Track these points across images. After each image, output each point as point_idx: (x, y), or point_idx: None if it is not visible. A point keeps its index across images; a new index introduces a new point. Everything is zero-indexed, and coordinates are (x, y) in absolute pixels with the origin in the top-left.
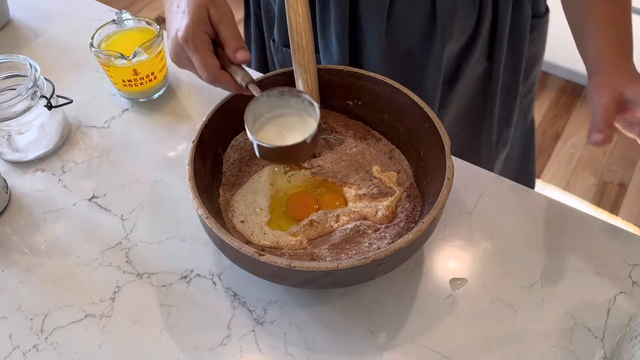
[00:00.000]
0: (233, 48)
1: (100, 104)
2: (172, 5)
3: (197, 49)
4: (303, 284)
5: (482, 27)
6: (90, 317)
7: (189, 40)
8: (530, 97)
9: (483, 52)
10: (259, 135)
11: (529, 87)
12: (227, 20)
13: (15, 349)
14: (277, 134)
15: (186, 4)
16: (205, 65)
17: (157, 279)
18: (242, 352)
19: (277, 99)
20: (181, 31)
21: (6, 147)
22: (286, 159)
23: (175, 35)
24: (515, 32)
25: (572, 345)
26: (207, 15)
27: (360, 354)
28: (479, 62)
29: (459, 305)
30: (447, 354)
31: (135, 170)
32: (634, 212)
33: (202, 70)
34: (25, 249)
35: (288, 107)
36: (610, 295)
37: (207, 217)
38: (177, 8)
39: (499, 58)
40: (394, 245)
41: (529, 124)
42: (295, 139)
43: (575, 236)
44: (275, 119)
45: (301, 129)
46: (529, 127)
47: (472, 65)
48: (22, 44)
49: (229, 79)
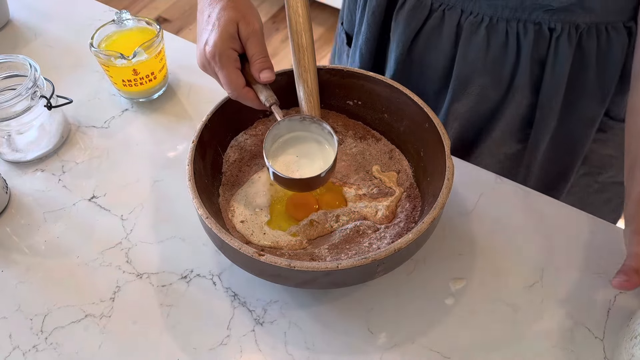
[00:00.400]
0: (258, 68)
1: (100, 104)
2: (203, 13)
3: (223, 66)
4: (303, 284)
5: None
6: (90, 317)
7: (216, 56)
8: (602, 199)
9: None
10: (277, 159)
11: (599, 187)
12: (256, 37)
13: (15, 349)
14: (294, 160)
15: (217, 16)
16: (230, 83)
17: (157, 279)
18: (242, 352)
19: (298, 123)
20: (209, 46)
21: (6, 147)
22: (299, 188)
23: (204, 49)
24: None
25: (572, 345)
26: (237, 31)
27: (360, 354)
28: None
29: (459, 305)
30: (447, 354)
31: (135, 170)
32: None
33: (226, 87)
34: (25, 249)
35: (309, 132)
36: (611, 295)
37: (207, 217)
38: (208, 18)
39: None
40: (394, 245)
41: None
42: (311, 171)
43: (575, 236)
44: (294, 141)
45: (318, 158)
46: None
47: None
48: (22, 43)
49: (252, 97)
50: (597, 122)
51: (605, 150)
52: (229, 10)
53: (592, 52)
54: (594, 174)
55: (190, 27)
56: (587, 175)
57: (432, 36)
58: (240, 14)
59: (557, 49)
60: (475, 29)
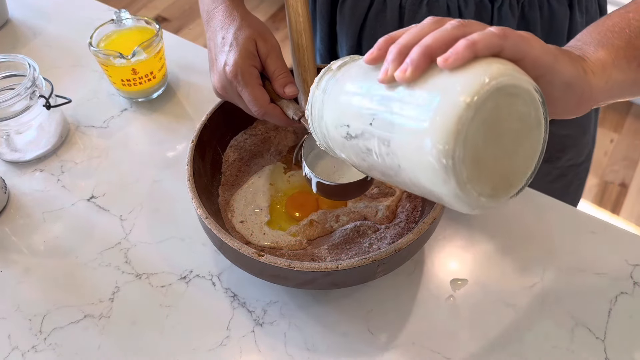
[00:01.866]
0: (282, 83)
1: (99, 103)
2: (216, 37)
3: (247, 84)
4: (303, 284)
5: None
6: (89, 317)
7: (238, 75)
8: (562, 184)
9: None
10: (315, 169)
11: (559, 172)
12: (275, 54)
13: (14, 350)
14: (331, 169)
15: (233, 36)
16: (255, 100)
17: (156, 279)
18: (242, 352)
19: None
20: (229, 66)
21: (5, 147)
22: (344, 195)
23: (223, 69)
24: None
25: (572, 346)
26: (255, 49)
27: (361, 355)
28: None
29: (460, 305)
30: (448, 354)
31: (134, 170)
32: (635, 212)
33: (252, 105)
34: (24, 249)
35: None
36: (612, 295)
37: (207, 217)
38: (223, 40)
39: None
40: (395, 246)
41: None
42: (355, 176)
43: (576, 236)
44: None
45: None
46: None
47: None
48: (21, 43)
49: (279, 112)
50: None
51: (563, 129)
52: (245, 29)
53: (537, 22)
54: (553, 160)
55: (190, 27)
56: (546, 162)
57: (377, 22)
58: (257, 32)
59: (501, 20)
60: (417, 7)
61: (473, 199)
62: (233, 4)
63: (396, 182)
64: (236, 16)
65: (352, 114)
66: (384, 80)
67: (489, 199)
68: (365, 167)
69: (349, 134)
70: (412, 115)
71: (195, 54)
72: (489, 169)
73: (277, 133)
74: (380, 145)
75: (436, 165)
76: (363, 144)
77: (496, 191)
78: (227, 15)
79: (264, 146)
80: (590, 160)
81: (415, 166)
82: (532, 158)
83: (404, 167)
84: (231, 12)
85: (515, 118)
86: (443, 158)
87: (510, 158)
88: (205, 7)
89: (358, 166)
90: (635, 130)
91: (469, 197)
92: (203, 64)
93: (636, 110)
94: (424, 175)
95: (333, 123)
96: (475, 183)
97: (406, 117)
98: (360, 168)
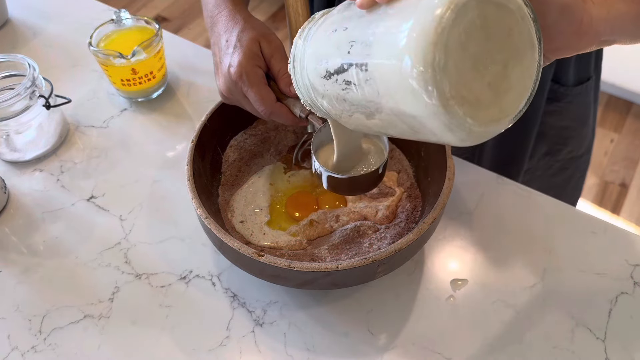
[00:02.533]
0: (287, 82)
1: (98, 103)
2: (219, 40)
3: (253, 84)
4: (303, 284)
5: None
6: (89, 317)
7: (243, 75)
8: (563, 177)
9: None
10: (326, 165)
11: (560, 165)
12: (279, 54)
13: (14, 350)
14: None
15: (237, 38)
16: (261, 99)
17: (156, 279)
18: (242, 353)
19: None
20: (234, 67)
21: (4, 147)
22: (355, 189)
23: (228, 71)
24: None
25: (573, 346)
26: (259, 50)
27: (361, 355)
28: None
29: (460, 306)
30: (448, 354)
31: (134, 170)
32: (635, 212)
33: (259, 104)
34: (23, 249)
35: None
36: (612, 295)
37: (206, 217)
38: (227, 43)
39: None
40: (395, 246)
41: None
42: (366, 169)
43: (576, 236)
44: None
45: (365, 159)
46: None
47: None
48: (21, 43)
49: (286, 111)
50: (546, 89)
51: (562, 121)
52: (248, 31)
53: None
54: (554, 153)
55: (190, 27)
56: (547, 155)
57: None
58: (260, 33)
59: None
60: None
61: (459, 119)
62: (236, 8)
63: (379, 122)
64: (239, 19)
65: (331, 46)
66: (362, 3)
67: (476, 123)
68: (347, 113)
69: (327, 70)
70: (389, 28)
71: (195, 54)
72: (475, 89)
73: (277, 133)
74: (359, 72)
75: (415, 79)
76: (342, 78)
77: (485, 116)
78: (230, 19)
79: (264, 146)
80: (590, 152)
81: (395, 88)
82: (527, 84)
83: (383, 93)
84: (234, 15)
85: (504, 33)
86: (422, 66)
87: (501, 80)
88: (209, 13)
89: (340, 116)
90: (635, 130)
91: (454, 116)
92: (203, 64)
93: (636, 110)
94: (404, 97)
95: (313, 65)
96: (460, 101)
97: (383, 32)
98: (342, 119)
